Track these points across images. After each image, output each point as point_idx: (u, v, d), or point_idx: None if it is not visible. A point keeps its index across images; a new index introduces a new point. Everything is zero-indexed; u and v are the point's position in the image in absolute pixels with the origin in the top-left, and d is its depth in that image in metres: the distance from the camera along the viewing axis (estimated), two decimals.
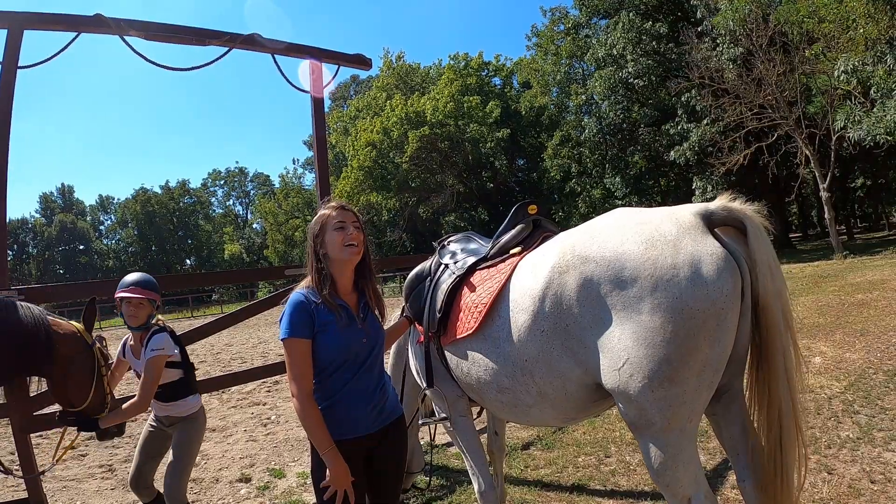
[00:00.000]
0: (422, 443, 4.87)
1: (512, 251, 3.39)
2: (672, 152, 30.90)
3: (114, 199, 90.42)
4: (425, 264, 3.92)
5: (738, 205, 2.56)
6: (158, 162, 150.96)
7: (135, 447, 7.64)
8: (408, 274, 3.99)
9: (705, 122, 29.29)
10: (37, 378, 3.89)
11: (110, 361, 3.93)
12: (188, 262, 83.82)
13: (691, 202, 3.03)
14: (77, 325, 3.66)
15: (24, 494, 5.03)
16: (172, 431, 4.17)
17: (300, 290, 2.78)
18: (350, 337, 2.73)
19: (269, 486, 5.74)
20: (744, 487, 2.78)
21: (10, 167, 5.03)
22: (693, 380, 2.41)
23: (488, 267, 3.42)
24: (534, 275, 2.93)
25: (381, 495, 2.93)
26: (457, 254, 3.77)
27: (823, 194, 26.09)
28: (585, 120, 39.09)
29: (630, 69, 32.89)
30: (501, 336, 3.05)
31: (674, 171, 35.83)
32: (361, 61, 7.32)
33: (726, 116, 27.28)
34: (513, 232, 3.52)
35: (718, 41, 28.02)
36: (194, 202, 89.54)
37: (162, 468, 4.23)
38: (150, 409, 4.15)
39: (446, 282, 3.57)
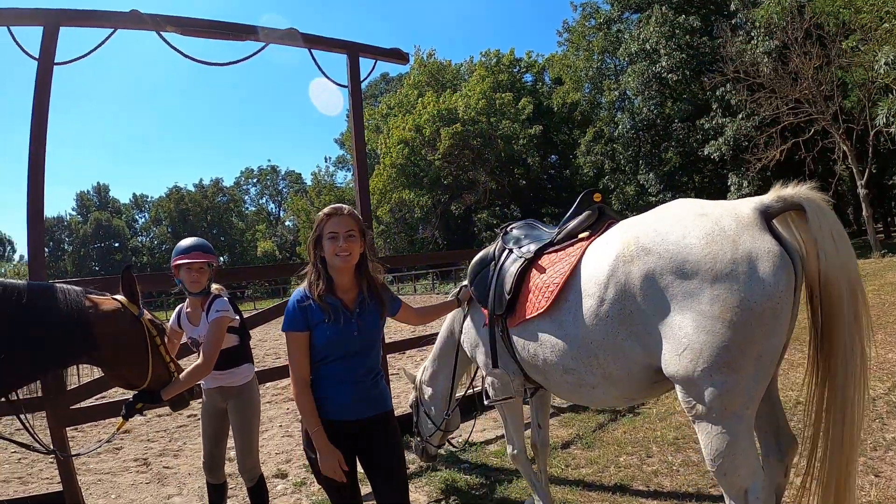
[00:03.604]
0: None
1: (580, 235, 3.49)
2: (707, 147, 30.50)
3: (148, 197, 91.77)
4: (489, 249, 4.08)
5: (791, 190, 2.63)
6: (192, 161, 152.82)
7: (169, 441, 7.77)
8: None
9: (740, 116, 28.82)
10: (76, 369, 3.72)
11: (164, 328, 3.71)
12: (221, 259, 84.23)
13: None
14: (120, 298, 3.39)
15: (59, 487, 5.07)
16: (227, 406, 4.16)
17: (301, 287, 3.13)
18: (340, 332, 3.00)
19: (305, 482, 5.71)
20: (768, 461, 2.96)
21: (49, 167, 5.08)
22: (750, 367, 2.52)
23: (556, 251, 3.53)
24: (599, 262, 3.06)
25: (383, 494, 3.09)
26: (521, 239, 3.89)
27: (861, 191, 25.58)
28: (618, 116, 38.66)
29: (663, 63, 32.44)
30: (568, 319, 3.18)
31: (708, 168, 35.36)
32: (398, 55, 7.34)
33: (762, 111, 26.81)
34: (580, 218, 3.63)
35: (753, 34, 27.54)
36: (227, 200, 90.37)
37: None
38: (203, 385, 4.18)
39: (515, 264, 3.69)
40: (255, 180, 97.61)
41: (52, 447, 4.22)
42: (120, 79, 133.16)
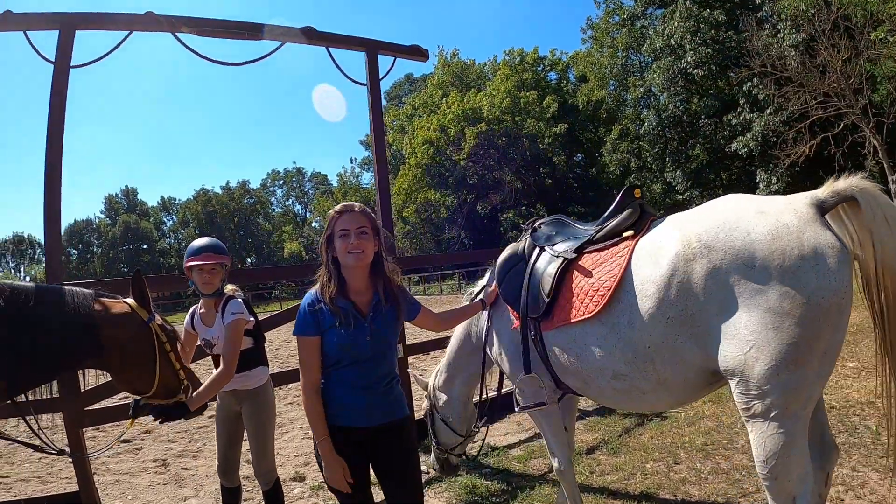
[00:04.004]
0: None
1: (625, 234, 3.33)
2: (734, 143, 30.18)
3: (175, 199, 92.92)
4: (517, 247, 3.88)
5: (843, 182, 2.60)
6: (218, 164, 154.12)
7: (189, 442, 7.77)
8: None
9: (768, 111, 28.49)
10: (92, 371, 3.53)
11: (176, 334, 3.58)
12: (248, 260, 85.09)
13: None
14: (130, 301, 3.29)
15: (76, 487, 5.07)
16: (242, 409, 4.09)
17: (313, 289, 3.03)
18: (351, 337, 2.88)
19: (322, 485, 5.61)
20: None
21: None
22: (816, 364, 2.52)
23: (598, 250, 3.37)
24: (656, 262, 2.94)
25: (396, 497, 3.01)
26: (553, 237, 3.72)
27: (892, 186, 25.08)
28: (644, 113, 38.38)
29: (689, 59, 32.19)
30: (622, 322, 3.04)
31: (736, 164, 34.97)
32: (418, 52, 7.29)
33: (790, 106, 26.42)
34: (623, 215, 3.44)
35: (779, 27, 27.17)
36: (254, 202, 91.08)
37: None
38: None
39: (552, 265, 3.51)
40: (281, 182, 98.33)
41: (63, 448, 4.16)
42: (146, 81, 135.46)
